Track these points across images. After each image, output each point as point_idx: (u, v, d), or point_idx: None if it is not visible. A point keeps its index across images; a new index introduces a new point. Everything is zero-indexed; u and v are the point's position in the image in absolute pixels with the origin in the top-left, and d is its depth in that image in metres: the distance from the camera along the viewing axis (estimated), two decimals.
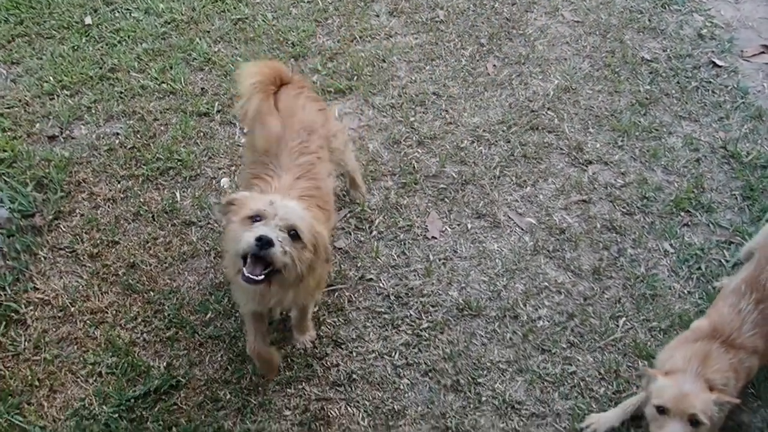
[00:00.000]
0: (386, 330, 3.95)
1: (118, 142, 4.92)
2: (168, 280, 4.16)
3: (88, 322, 3.95)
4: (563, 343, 3.90)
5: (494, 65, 5.55)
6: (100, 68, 5.43)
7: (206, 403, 3.65)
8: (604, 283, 4.17)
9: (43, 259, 4.23)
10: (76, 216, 4.46)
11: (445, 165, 4.80)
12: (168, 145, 4.86)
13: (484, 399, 3.68)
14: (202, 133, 4.98)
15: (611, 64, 5.54)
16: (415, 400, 3.69)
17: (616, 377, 3.75)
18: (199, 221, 4.45)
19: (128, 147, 4.88)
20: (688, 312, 3.99)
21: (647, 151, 4.91)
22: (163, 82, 5.32)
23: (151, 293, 4.08)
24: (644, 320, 3.98)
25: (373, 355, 3.85)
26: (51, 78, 5.33)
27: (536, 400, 3.68)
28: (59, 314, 3.98)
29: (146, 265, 4.21)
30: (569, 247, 4.35)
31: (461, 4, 6.10)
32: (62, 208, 4.47)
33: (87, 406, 3.61)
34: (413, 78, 5.43)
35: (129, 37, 5.69)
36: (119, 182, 4.66)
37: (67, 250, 4.28)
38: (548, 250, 4.33)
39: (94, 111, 5.14)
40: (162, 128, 5.01)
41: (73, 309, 3.99)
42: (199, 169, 4.74)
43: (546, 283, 4.16)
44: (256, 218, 2.88)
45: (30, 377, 3.70)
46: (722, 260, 4.26)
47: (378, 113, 5.18)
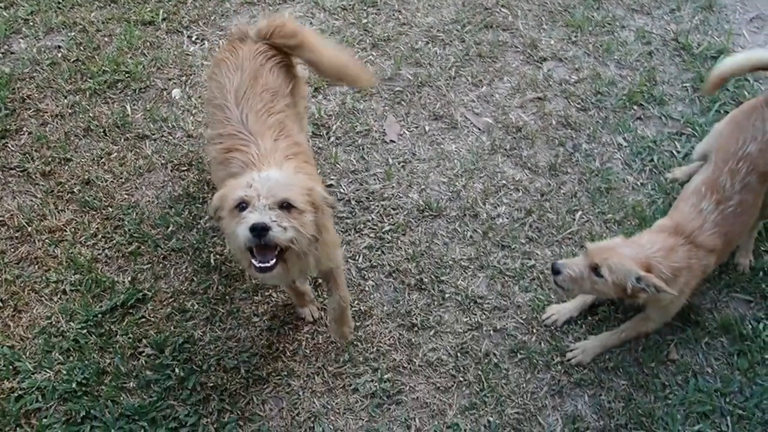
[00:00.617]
0: (349, 234, 3.99)
1: (60, 55, 4.73)
2: (126, 195, 4.10)
3: (47, 241, 3.90)
4: (522, 239, 4.00)
5: None
6: None
7: (174, 314, 3.68)
8: (561, 178, 4.25)
9: None
10: (24, 134, 4.32)
11: (401, 67, 4.74)
12: (114, 56, 4.68)
13: (447, 296, 3.79)
14: (149, 43, 4.80)
15: None
16: (381, 301, 3.78)
17: None
18: (153, 134, 4.36)
19: (72, 60, 4.69)
20: (641, 203, 4.11)
21: (600, 46, 4.91)
22: None
23: (110, 209, 4.03)
24: (599, 213, 4.09)
25: None
26: None
27: (498, 294, 3.80)
28: (16, 234, 3.92)
29: (102, 181, 4.14)
30: (526, 144, 4.39)
31: None
32: (8, 127, 4.33)
33: (54, 323, 3.62)
34: None
35: None
36: (66, 97, 4.51)
37: (18, 170, 4.17)
38: (505, 149, 4.37)
39: (32, 23, 4.91)
40: (106, 39, 4.82)
41: (30, 229, 3.93)
42: (149, 81, 4.60)
43: (504, 181, 4.22)
44: (242, 205, 2.71)
45: None
46: (674, 151, 4.36)
47: (329, 16, 5.04)
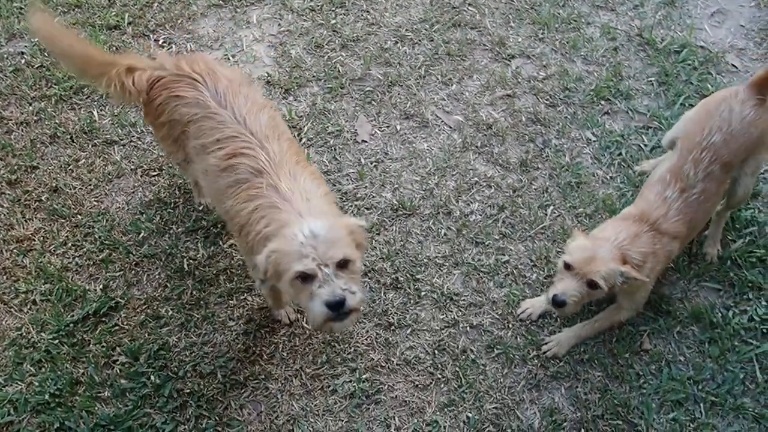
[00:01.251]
0: None
1: (24, 61, 4.65)
2: (95, 202, 4.04)
3: (15, 251, 3.83)
4: (495, 235, 4.02)
5: None
6: None
7: (148, 321, 3.64)
8: (532, 174, 4.29)
9: None
10: None
11: (370, 67, 4.74)
12: None
13: (423, 294, 3.80)
14: (115, 48, 4.74)
15: None
16: None
17: (547, 263, 3.91)
18: (121, 140, 4.30)
19: (36, 66, 4.62)
20: (611, 196, 4.16)
21: (567, 43, 4.96)
22: None
23: (79, 216, 3.97)
24: (571, 207, 4.13)
25: None
26: None
27: (473, 290, 3.82)
28: None
29: (70, 189, 4.07)
30: (497, 141, 4.42)
31: None
32: None
33: (24, 334, 3.56)
34: None
35: None
36: (30, 104, 4.43)
37: None
38: (477, 146, 4.39)
39: None
40: None
41: None
42: None
43: (476, 179, 4.24)
44: (305, 276, 2.62)
45: None
46: (641, 145, 4.42)
47: (298, 17, 5.02)
